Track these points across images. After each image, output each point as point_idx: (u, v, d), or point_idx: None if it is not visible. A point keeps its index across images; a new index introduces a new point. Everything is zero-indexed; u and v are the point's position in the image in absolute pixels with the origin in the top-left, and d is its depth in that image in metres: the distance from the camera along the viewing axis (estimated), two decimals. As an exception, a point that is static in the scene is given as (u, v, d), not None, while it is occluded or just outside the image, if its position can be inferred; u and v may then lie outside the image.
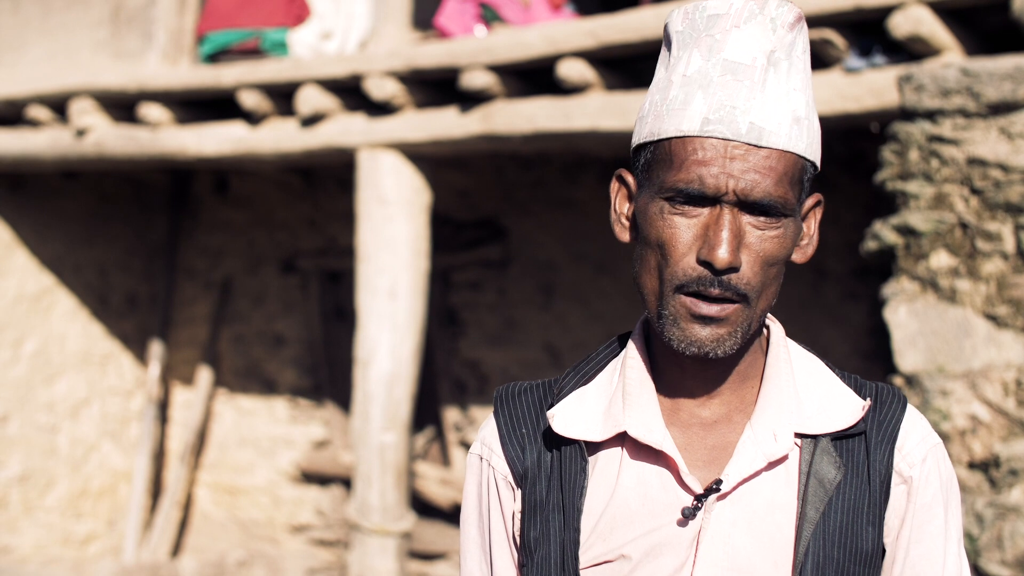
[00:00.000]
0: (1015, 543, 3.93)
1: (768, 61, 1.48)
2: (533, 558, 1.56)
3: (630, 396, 1.57)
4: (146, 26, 7.14)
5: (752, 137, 1.46)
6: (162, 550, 8.54)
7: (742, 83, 1.47)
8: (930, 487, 1.57)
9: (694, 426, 1.56)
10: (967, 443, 4.09)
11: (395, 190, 6.33)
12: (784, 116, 1.47)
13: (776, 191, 1.46)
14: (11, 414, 8.23)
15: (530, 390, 1.64)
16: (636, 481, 1.55)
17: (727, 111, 1.46)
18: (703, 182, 1.46)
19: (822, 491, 1.52)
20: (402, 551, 6.42)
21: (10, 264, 8.25)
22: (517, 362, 7.50)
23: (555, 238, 7.38)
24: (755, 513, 1.53)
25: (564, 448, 1.57)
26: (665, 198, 1.48)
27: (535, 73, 5.87)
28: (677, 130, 1.47)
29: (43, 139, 7.45)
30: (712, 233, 1.46)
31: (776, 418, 1.55)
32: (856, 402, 1.57)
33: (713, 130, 1.46)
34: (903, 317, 4.24)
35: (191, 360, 8.86)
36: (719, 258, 1.44)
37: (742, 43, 1.48)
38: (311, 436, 8.39)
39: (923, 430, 1.59)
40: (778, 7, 1.49)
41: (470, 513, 1.66)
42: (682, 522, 1.52)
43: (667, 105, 1.50)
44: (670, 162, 1.48)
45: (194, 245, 8.88)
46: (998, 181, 4.10)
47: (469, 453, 1.67)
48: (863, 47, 4.88)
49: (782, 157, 1.47)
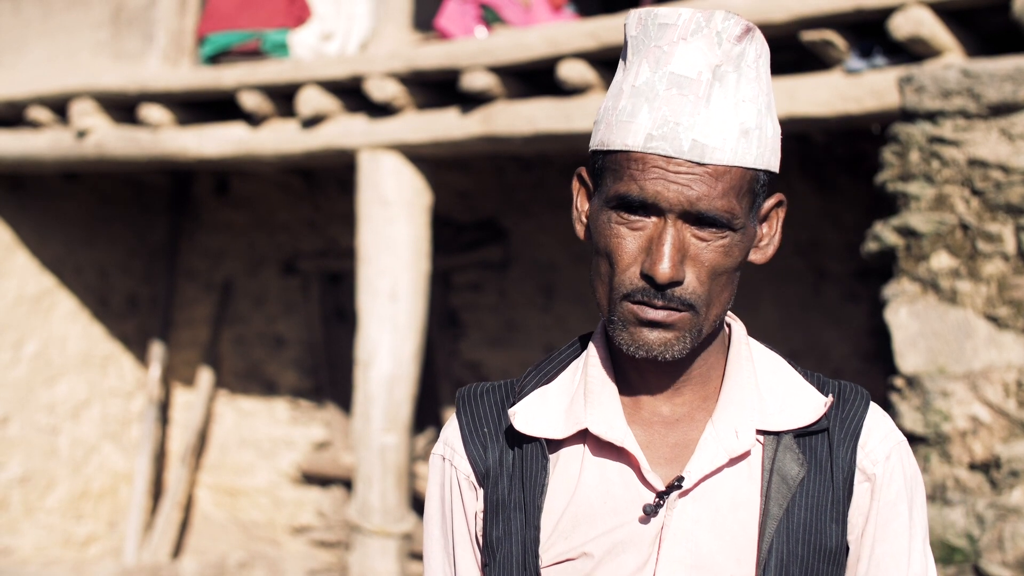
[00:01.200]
0: (1016, 544, 3.92)
1: (714, 76, 1.48)
2: (496, 557, 1.56)
3: (592, 394, 1.57)
4: (147, 27, 7.14)
5: (695, 155, 1.46)
6: (163, 551, 8.54)
7: (686, 98, 1.47)
8: (894, 484, 1.57)
9: (656, 424, 1.57)
10: (968, 444, 4.09)
11: (396, 191, 6.33)
12: (730, 131, 1.48)
13: (720, 204, 1.47)
14: (12, 415, 8.23)
15: (492, 390, 1.65)
16: (598, 479, 1.55)
17: (670, 127, 1.47)
18: (644, 195, 1.47)
19: (785, 487, 1.52)
20: (403, 552, 6.42)
21: (11, 265, 8.25)
22: (517, 363, 7.50)
23: (556, 239, 7.38)
24: (718, 510, 1.53)
25: (525, 446, 1.58)
26: (611, 208, 1.50)
27: (536, 74, 5.87)
28: (623, 144, 1.49)
29: (44, 140, 7.45)
30: (655, 247, 1.47)
31: (738, 415, 1.55)
32: (818, 399, 1.57)
33: (656, 147, 1.47)
34: (904, 318, 4.24)
35: (192, 361, 8.86)
36: (660, 273, 1.46)
37: (688, 57, 1.48)
38: (312, 437, 8.39)
39: (886, 427, 1.60)
40: (724, 21, 1.49)
41: (433, 514, 1.66)
42: (644, 519, 1.53)
43: (616, 115, 1.51)
44: (616, 173, 1.50)
45: (195, 246, 8.88)
46: (999, 182, 4.10)
47: (431, 454, 1.67)
48: (864, 48, 4.88)
49: (727, 172, 1.47)
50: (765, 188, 1.54)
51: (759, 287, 6.31)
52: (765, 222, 1.58)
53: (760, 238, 1.58)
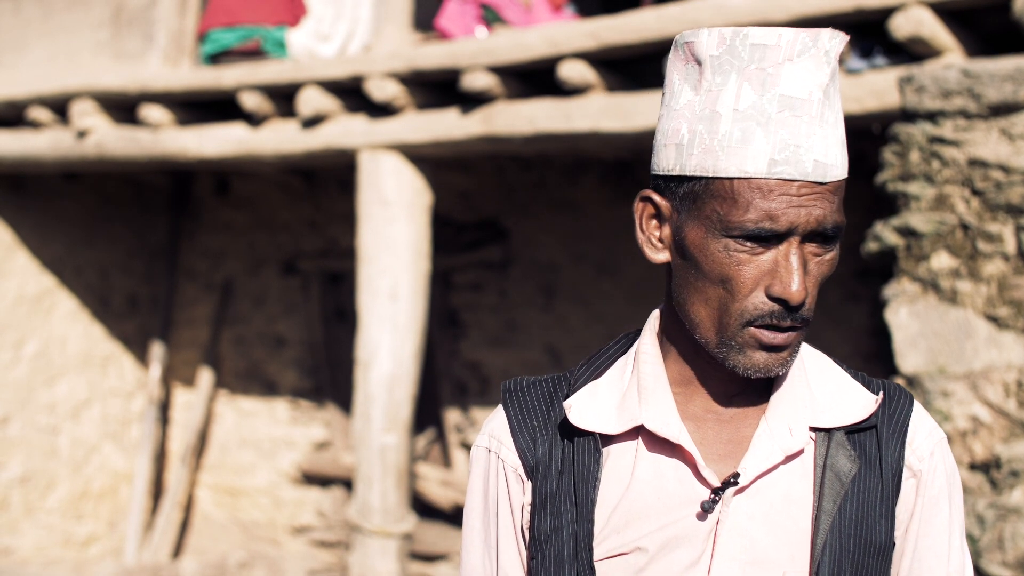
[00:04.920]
0: (1016, 544, 3.92)
1: (824, 95, 1.49)
2: (544, 551, 1.57)
3: (645, 390, 1.58)
4: (147, 27, 7.14)
5: (818, 175, 1.47)
6: (163, 551, 8.54)
7: (801, 119, 1.47)
8: (937, 481, 1.60)
9: (709, 420, 1.58)
10: (968, 444, 4.09)
11: (396, 191, 6.33)
12: (839, 147, 1.50)
13: (838, 219, 1.50)
14: (12, 415, 8.23)
15: (540, 384, 1.65)
16: (652, 475, 1.56)
17: (792, 151, 1.46)
18: (775, 222, 1.47)
19: (838, 484, 1.54)
20: (403, 552, 6.42)
21: (11, 265, 8.25)
22: (518, 363, 7.50)
23: (556, 239, 7.38)
24: (772, 506, 1.55)
25: (576, 440, 1.58)
26: (731, 236, 1.49)
27: (536, 74, 5.87)
28: (740, 171, 1.47)
29: (44, 140, 7.45)
30: (784, 271, 1.48)
31: (790, 412, 1.57)
32: (868, 396, 1.60)
33: (781, 171, 1.46)
34: (904, 318, 4.24)
35: (192, 361, 8.86)
36: (795, 296, 1.47)
37: (798, 77, 1.48)
38: (312, 437, 8.39)
39: (930, 425, 1.62)
40: (831, 39, 1.49)
41: (475, 506, 1.66)
42: (700, 515, 1.54)
43: (719, 140, 1.48)
44: (734, 201, 1.48)
45: (195, 246, 8.88)
46: (999, 182, 4.10)
47: (475, 446, 1.67)
48: (864, 48, 4.88)
49: (840, 186, 1.50)
50: None
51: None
52: None
53: None
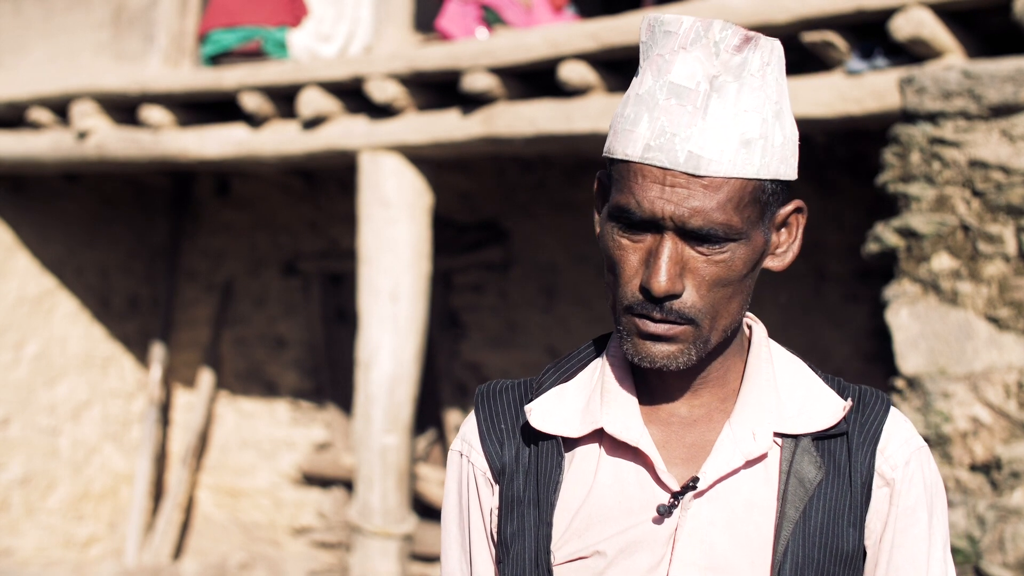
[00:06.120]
0: (1016, 545, 3.92)
1: (711, 86, 1.47)
2: (509, 554, 1.57)
3: (608, 394, 1.58)
4: (147, 28, 7.15)
5: (690, 166, 1.45)
6: (163, 552, 8.54)
7: (684, 108, 1.46)
8: (913, 490, 1.57)
9: (673, 424, 1.57)
10: (968, 445, 4.09)
11: (397, 192, 6.33)
12: (729, 142, 1.46)
13: (717, 218, 1.46)
14: (12, 416, 8.23)
15: (511, 388, 1.65)
16: (613, 479, 1.55)
17: (667, 139, 1.46)
18: (640, 208, 1.47)
19: (802, 491, 1.52)
20: (403, 553, 6.42)
21: (12, 266, 8.25)
22: (518, 364, 7.50)
23: (557, 240, 7.38)
24: (733, 512, 1.53)
25: (541, 444, 1.58)
26: (612, 219, 1.51)
27: (536, 75, 5.87)
28: (624, 153, 1.49)
29: (44, 141, 7.45)
30: (652, 261, 1.47)
31: (756, 417, 1.55)
32: (837, 403, 1.57)
33: (652, 158, 1.46)
34: (905, 319, 4.24)
35: (192, 362, 8.86)
36: (656, 287, 1.46)
37: (687, 66, 1.47)
38: (312, 438, 8.39)
39: (906, 433, 1.59)
40: (722, 31, 1.48)
41: (451, 511, 1.67)
42: (658, 519, 1.52)
43: (622, 123, 1.51)
44: (619, 184, 1.50)
45: (195, 247, 8.88)
46: (999, 183, 4.10)
47: (450, 451, 1.68)
48: (864, 49, 4.88)
49: (725, 183, 1.46)
50: (777, 196, 1.52)
51: (759, 288, 6.30)
52: (784, 228, 1.58)
53: (777, 245, 1.58)
